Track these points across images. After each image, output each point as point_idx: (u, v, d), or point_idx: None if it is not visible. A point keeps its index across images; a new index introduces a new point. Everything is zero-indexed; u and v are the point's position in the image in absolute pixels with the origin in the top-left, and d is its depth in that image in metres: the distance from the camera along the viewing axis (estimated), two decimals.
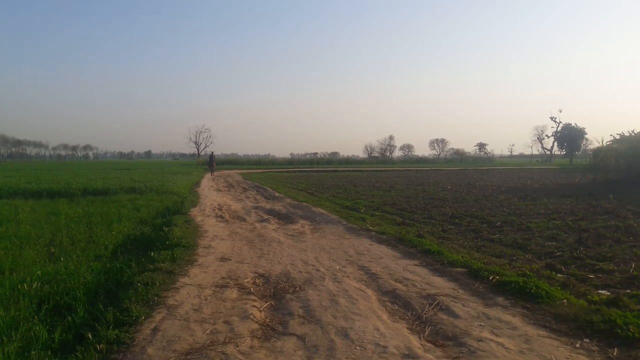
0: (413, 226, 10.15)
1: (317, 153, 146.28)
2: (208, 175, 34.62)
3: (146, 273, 6.02)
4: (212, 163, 37.75)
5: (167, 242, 7.92)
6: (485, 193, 18.00)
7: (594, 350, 3.80)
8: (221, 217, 11.82)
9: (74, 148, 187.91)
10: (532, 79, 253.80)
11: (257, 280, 5.87)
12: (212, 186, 23.52)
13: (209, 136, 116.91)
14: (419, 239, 8.27)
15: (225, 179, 30.74)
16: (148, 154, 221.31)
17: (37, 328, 4.35)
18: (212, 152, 39.75)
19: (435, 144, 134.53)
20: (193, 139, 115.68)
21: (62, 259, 7.06)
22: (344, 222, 10.66)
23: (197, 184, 25.11)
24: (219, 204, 14.54)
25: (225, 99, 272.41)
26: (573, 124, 78.85)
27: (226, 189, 22.13)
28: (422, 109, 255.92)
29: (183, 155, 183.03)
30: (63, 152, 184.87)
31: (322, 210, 12.67)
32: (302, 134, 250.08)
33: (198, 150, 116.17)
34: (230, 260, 7.00)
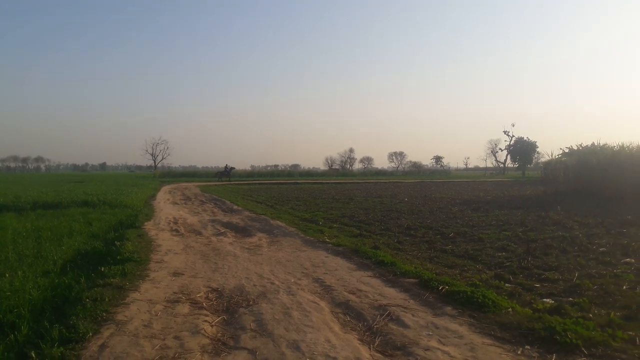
0: (369, 238, 10.31)
1: (277, 165, 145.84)
2: (165, 188, 34.06)
3: (95, 289, 5.89)
4: (226, 174, 51.91)
5: (119, 257, 7.76)
6: (441, 205, 18.46)
7: (534, 357, 3.98)
8: (176, 230, 11.67)
9: (25, 160, 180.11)
10: (486, 94, 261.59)
11: (210, 295, 5.83)
12: (168, 199, 23.12)
13: (166, 148, 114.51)
14: (374, 250, 8.41)
15: (183, 191, 30.25)
16: (103, 166, 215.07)
17: None
18: (227, 165, 53.33)
19: (394, 157, 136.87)
20: (149, 150, 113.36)
21: (7, 275, 6.79)
22: (302, 235, 10.72)
23: (153, 197, 24.63)
24: (174, 218, 14.33)
25: (182, 110, 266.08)
26: (525, 138, 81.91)
27: (183, 202, 21.80)
28: (382, 122, 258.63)
29: (139, 167, 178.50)
30: (13, 164, 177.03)
31: (280, 223, 12.69)
32: (262, 145, 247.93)
33: (155, 162, 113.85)
34: (183, 274, 6.92)
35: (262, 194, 27.37)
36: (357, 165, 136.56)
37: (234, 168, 58.85)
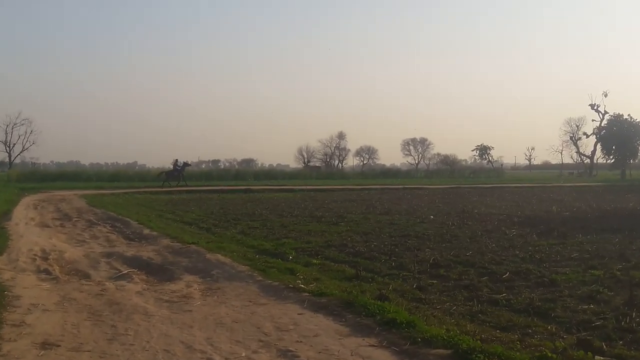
0: (372, 282, 10.36)
1: (219, 161, 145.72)
2: (27, 200, 33.57)
3: None
4: (176, 174, 52.19)
5: None
6: (488, 226, 18.65)
7: None
8: (47, 271, 11.57)
9: None
10: (558, 44, 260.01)
11: None
12: (33, 218, 22.84)
13: (29, 132, 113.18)
14: (379, 302, 8.41)
15: (58, 205, 29.91)
16: None
17: None
18: (177, 160, 53.97)
19: (412, 147, 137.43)
20: (1, 136, 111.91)
21: None
22: (260, 278, 10.73)
23: (7, 214, 24.30)
24: (43, 250, 14.17)
25: (59, 71, 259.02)
26: (626, 116, 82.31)
27: (58, 222, 21.64)
28: (389, 91, 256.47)
29: None
30: None
31: (223, 259, 12.66)
32: (194, 131, 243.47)
33: (10, 155, 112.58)
34: (58, 346, 6.83)
35: (192, 209, 27.40)
36: (352, 161, 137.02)
37: (189, 164, 59.91)
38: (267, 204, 30.75)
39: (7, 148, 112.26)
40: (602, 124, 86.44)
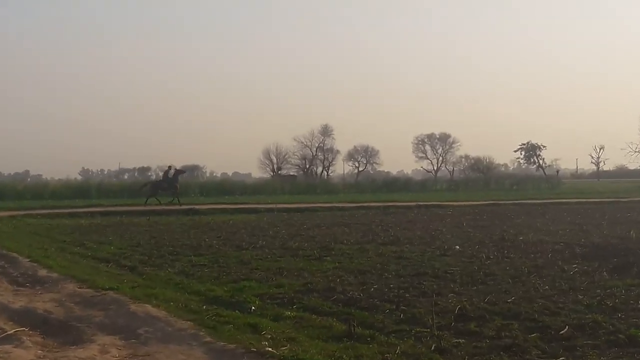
0: (372, 342, 9.90)
1: (149, 169, 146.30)
2: None
3: None
4: (166, 185, 55.08)
5: None
6: (538, 260, 18.41)
7: None
8: None
9: None
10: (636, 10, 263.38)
11: None
12: None
13: None
14: None
15: None
16: None
17: None
18: (170, 167, 58.32)
19: (429, 147, 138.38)
20: None
21: None
22: (208, 339, 10.28)
23: None
24: None
25: None
26: None
27: None
28: (397, 66, 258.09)
29: None
30: None
31: (154, 311, 12.25)
32: (110, 126, 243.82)
33: None
34: None
35: (109, 239, 27.62)
36: (342, 168, 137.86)
37: (183, 172, 64.13)
38: (219, 231, 30.88)
39: None
40: None
